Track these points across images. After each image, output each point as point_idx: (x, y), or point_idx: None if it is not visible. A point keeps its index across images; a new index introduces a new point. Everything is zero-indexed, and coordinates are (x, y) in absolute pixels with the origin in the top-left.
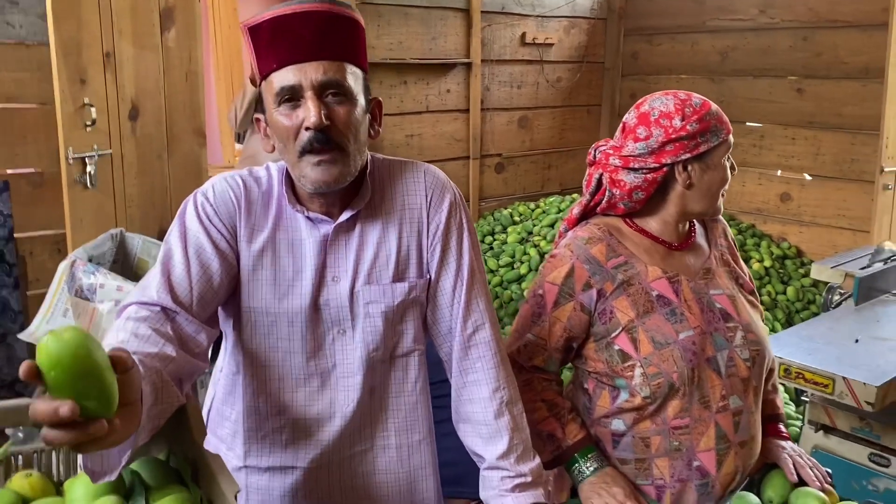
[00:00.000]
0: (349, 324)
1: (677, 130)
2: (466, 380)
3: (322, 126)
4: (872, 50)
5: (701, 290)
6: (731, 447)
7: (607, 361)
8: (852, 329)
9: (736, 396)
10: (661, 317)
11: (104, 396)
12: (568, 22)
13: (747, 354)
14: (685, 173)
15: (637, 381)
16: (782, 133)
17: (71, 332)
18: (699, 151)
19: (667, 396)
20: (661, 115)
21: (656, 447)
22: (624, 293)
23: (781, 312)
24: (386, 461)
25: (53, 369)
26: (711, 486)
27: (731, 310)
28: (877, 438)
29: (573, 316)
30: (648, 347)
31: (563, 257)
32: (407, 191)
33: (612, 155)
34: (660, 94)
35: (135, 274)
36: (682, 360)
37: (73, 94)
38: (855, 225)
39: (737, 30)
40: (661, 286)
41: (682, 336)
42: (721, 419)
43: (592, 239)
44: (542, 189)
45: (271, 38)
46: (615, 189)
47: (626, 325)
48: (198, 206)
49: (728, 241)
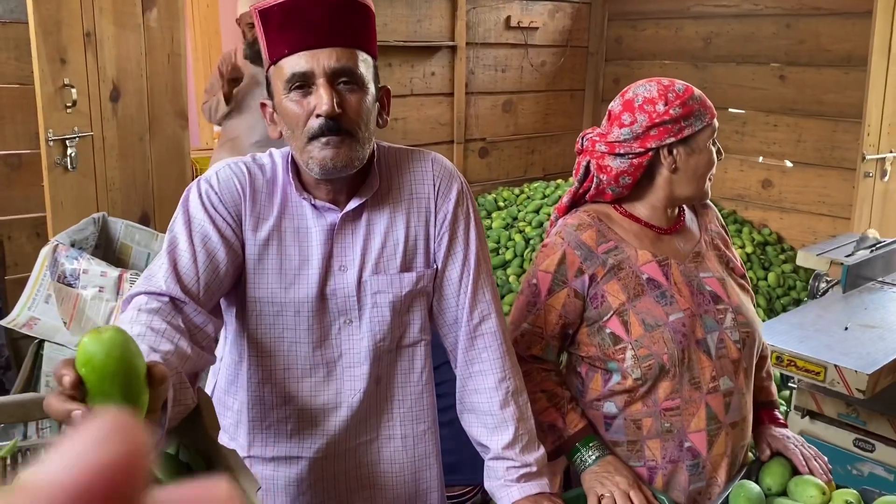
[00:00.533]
0: (356, 313)
1: (661, 115)
2: (472, 370)
3: (334, 114)
4: (855, 38)
5: (691, 273)
6: (721, 428)
7: (599, 345)
8: (841, 317)
9: (726, 377)
10: (652, 299)
11: (131, 403)
12: (553, 6)
13: (737, 336)
14: (670, 157)
15: (628, 363)
16: (764, 120)
17: (110, 333)
18: (683, 135)
19: (657, 378)
20: (645, 101)
21: (648, 429)
22: (614, 277)
23: (763, 298)
24: (391, 451)
25: (84, 366)
26: (702, 467)
27: (720, 292)
28: (863, 424)
29: (568, 302)
30: (639, 330)
31: (554, 245)
32: (415, 180)
33: (598, 142)
34: (643, 81)
35: (117, 259)
36: (672, 341)
37: (53, 75)
38: (835, 212)
39: (720, 16)
40: (650, 269)
41: (672, 318)
42: (711, 400)
43: (582, 225)
44: (526, 174)
45: (282, 23)
46: (602, 175)
47: (617, 309)
48: (202, 194)
49: (719, 226)
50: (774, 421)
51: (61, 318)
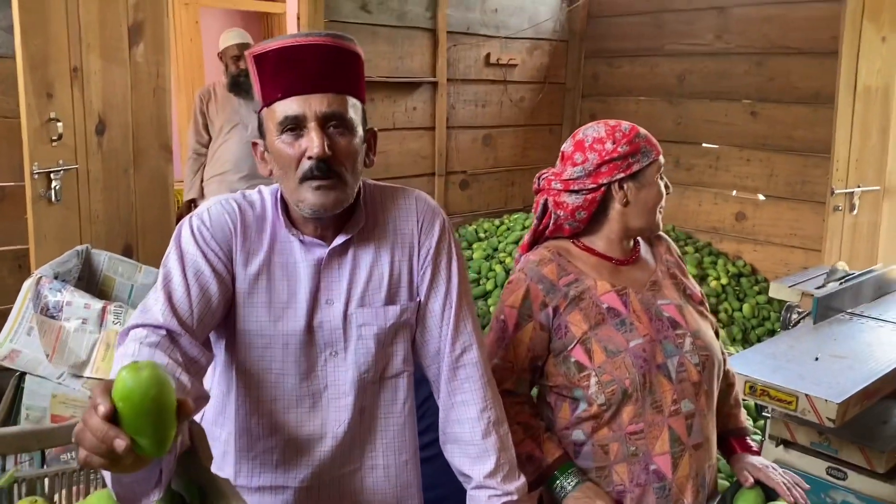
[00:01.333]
0: (342, 345)
1: (610, 153)
2: (454, 400)
3: (325, 156)
4: (823, 76)
5: (649, 301)
6: (685, 450)
7: (565, 374)
8: (812, 347)
9: (687, 400)
10: (612, 327)
11: (159, 438)
12: (531, 43)
13: (697, 359)
14: (622, 192)
15: (593, 389)
16: (737, 154)
17: (149, 370)
18: (632, 171)
19: (621, 403)
20: (595, 141)
21: (615, 454)
22: (576, 308)
23: (738, 329)
24: (374, 481)
25: (123, 401)
26: (669, 489)
27: (678, 318)
28: (834, 452)
29: (534, 336)
30: (601, 357)
31: (518, 281)
32: (399, 216)
33: (553, 180)
34: (592, 123)
35: (100, 291)
36: (634, 366)
37: (40, 109)
38: (807, 244)
39: (694, 54)
40: (610, 299)
41: (633, 344)
42: (674, 423)
43: (543, 260)
44: (506, 206)
45: (277, 68)
46: (560, 211)
47: (580, 338)
48: (194, 230)
49: (674, 256)
50: (748, 449)
51: (44, 351)
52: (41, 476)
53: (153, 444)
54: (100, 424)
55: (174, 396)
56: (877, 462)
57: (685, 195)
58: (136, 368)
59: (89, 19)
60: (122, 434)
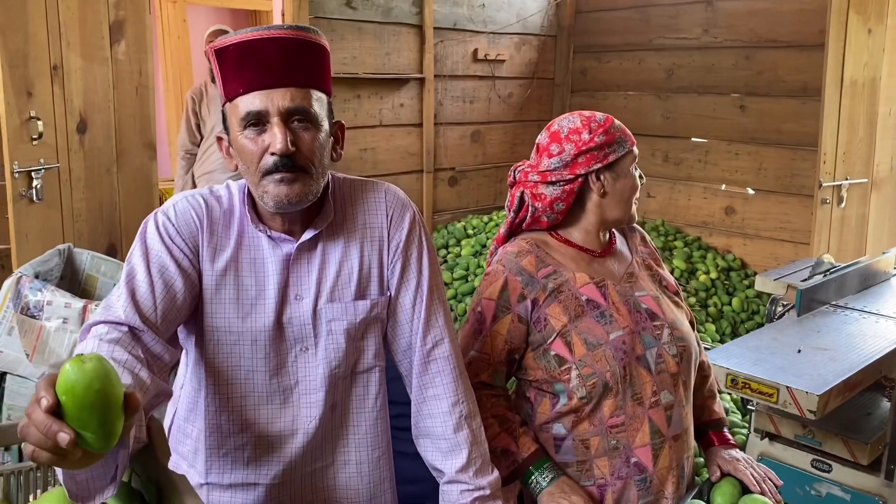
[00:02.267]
0: (312, 341)
1: (586, 143)
2: (426, 395)
3: (288, 152)
4: (810, 69)
5: (627, 292)
6: (665, 441)
7: (545, 368)
8: (795, 340)
9: (666, 391)
10: (592, 319)
11: (105, 433)
12: (519, 39)
13: (675, 350)
14: (599, 182)
15: (574, 382)
16: (726, 148)
17: (93, 362)
18: (608, 161)
19: (601, 396)
20: (571, 132)
21: (596, 448)
22: (555, 300)
23: (727, 323)
24: (346, 477)
25: (66, 394)
26: (650, 482)
27: (656, 309)
28: (818, 445)
29: (512, 328)
30: (582, 349)
31: (496, 273)
32: (368, 210)
33: (530, 172)
34: (566, 114)
35: (83, 290)
36: (614, 359)
37: (19, 107)
38: (796, 237)
39: (682, 48)
40: (589, 291)
41: (613, 336)
42: (654, 414)
43: (521, 252)
44: (495, 202)
45: (238, 62)
46: (537, 203)
47: (560, 331)
48: (159, 226)
49: (649, 247)
50: (725, 442)
51: (24, 350)
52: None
53: (99, 438)
54: (43, 418)
55: (121, 389)
56: (860, 454)
57: (674, 190)
58: (80, 361)
59: (69, 17)
60: (66, 428)
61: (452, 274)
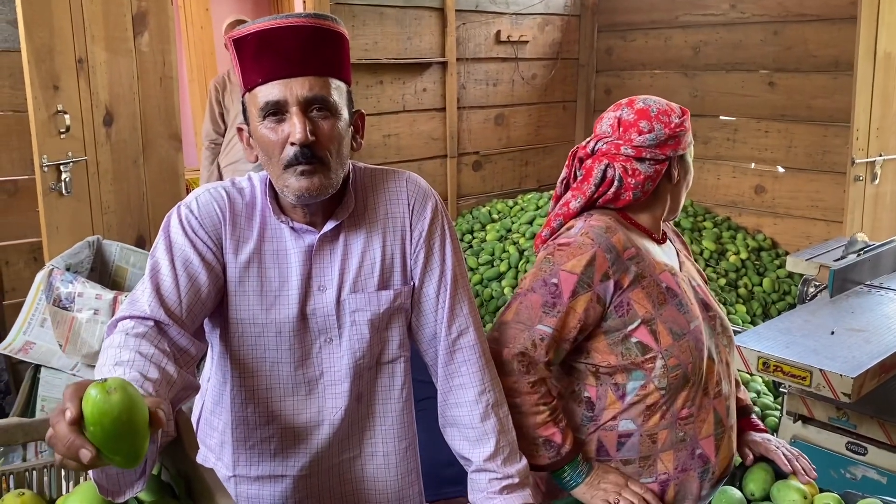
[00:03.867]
0: (336, 332)
1: (675, 127)
2: (452, 384)
3: (307, 142)
4: (841, 43)
5: (688, 283)
6: (725, 431)
7: (623, 354)
8: (828, 321)
9: (725, 381)
10: (674, 308)
11: (132, 455)
12: (542, 19)
13: (726, 341)
14: (678, 168)
15: (657, 372)
16: (755, 126)
17: (119, 393)
18: (685, 150)
19: (679, 388)
20: (660, 112)
21: (663, 441)
22: (639, 286)
23: (758, 304)
24: (374, 468)
25: (94, 425)
26: (712, 472)
27: (708, 300)
28: (853, 427)
29: (590, 307)
30: (668, 339)
31: (582, 245)
32: (389, 199)
33: (622, 145)
34: (644, 96)
35: (112, 282)
36: (696, 349)
37: (46, 101)
38: (828, 216)
39: (709, 24)
40: (666, 278)
41: (693, 326)
42: (717, 405)
43: (611, 228)
44: (520, 186)
45: (257, 52)
46: (630, 179)
47: (644, 318)
48: (182, 219)
49: (680, 239)
50: (754, 427)
51: (57, 342)
52: (29, 469)
53: (126, 460)
54: (66, 432)
55: (146, 412)
56: None
57: (703, 169)
58: (105, 390)
59: (93, 10)
60: (88, 444)
61: (478, 259)
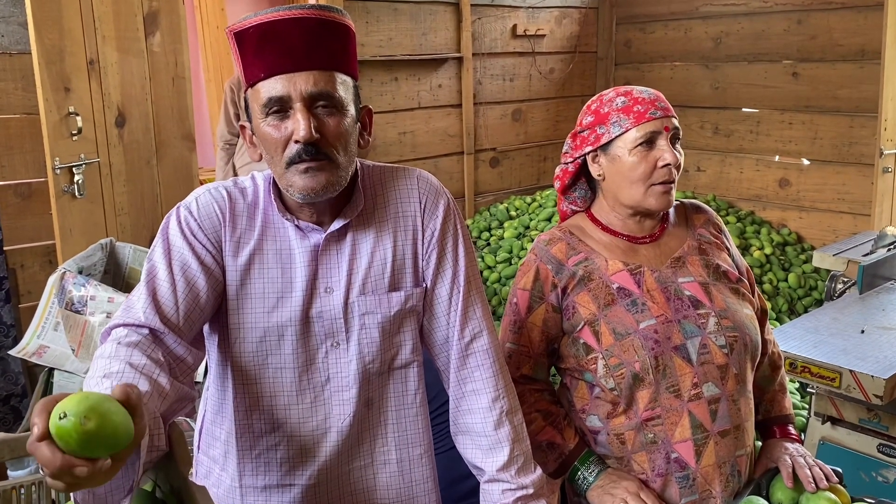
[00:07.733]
0: (343, 336)
1: (578, 124)
2: (465, 389)
3: (312, 139)
4: (868, 31)
5: (667, 279)
6: (709, 437)
7: (575, 356)
8: (857, 319)
9: (711, 384)
10: (622, 308)
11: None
12: (559, 12)
13: (723, 341)
14: (595, 165)
15: (601, 372)
16: (779, 118)
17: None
18: (601, 143)
19: (633, 387)
20: (587, 106)
21: (632, 443)
22: (584, 288)
23: (783, 300)
24: (387, 476)
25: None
26: (692, 479)
27: (701, 296)
28: (885, 429)
29: (547, 318)
30: (609, 339)
31: (529, 262)
32: (400, 198)
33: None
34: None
35: (126, 284)
36: (643, 348)
37: (58, 103)
38: (855, 209)
39: (730, 15)
40: (621, 278)
41: (643, 325)
42: (694, 408)
43: (552, 240)
44: (538, 182)
45: (258, 46)
46: (557, 181)
47: (588, 319)
48: (181, 221)
49: (713, 230)
50: (787, 436)
51: (70, 346)
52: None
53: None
54: (49, 459)
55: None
56: None
57: (725, 163)
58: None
59: (103, 11)
60: (75, 460)
61: (496, 257)
